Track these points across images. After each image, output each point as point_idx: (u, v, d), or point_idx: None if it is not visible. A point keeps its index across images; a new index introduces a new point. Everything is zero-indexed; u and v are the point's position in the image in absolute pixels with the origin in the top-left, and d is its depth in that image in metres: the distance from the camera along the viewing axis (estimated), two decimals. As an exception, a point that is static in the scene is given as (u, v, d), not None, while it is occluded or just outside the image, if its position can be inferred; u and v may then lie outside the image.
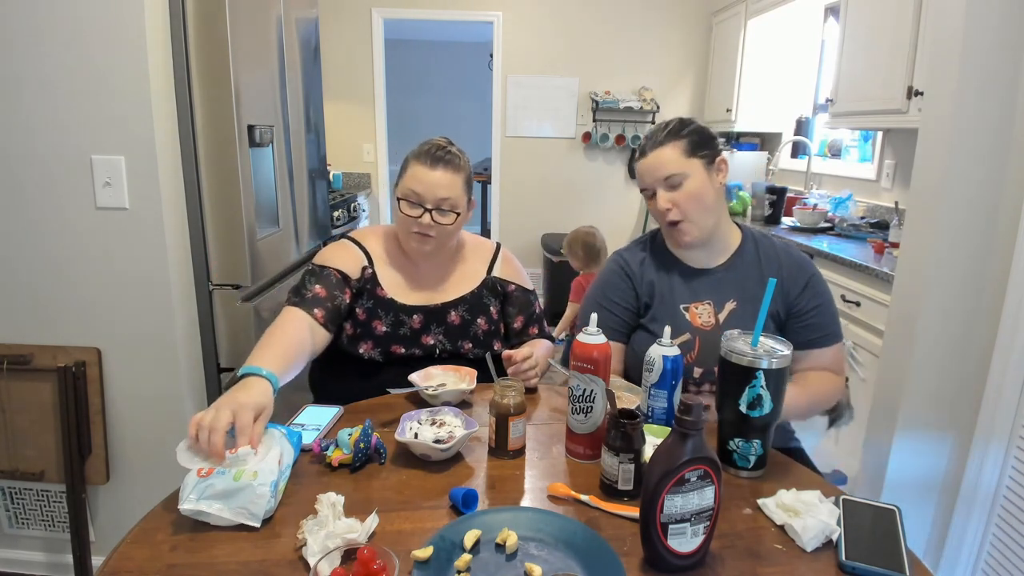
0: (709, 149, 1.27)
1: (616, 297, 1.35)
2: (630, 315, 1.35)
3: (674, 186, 1.25)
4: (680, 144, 1.25)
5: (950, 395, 1.62)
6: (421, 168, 1.34)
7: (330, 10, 4.43)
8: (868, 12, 2.72)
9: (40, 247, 1.61)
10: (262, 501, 0.82)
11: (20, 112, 1.53)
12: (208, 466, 0.86)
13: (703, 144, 1.27)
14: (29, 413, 1.69)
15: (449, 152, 1.37)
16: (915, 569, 0.78)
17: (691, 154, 1.25)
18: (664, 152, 1.25)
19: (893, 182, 3.04)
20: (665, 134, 1.27)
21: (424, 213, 1.34)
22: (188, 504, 0.81)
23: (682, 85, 4.77)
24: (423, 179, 1.34)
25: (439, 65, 7.39)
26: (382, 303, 1.39)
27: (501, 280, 1.51)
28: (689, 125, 1.28)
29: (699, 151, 1.26)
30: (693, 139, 1.26)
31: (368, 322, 1.38)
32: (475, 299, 1.46)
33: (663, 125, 1.30)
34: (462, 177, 1.38)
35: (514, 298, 1.52)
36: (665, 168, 1.25)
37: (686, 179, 1.25)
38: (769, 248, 1.33)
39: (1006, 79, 1.46)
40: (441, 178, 1.34)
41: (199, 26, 1.61)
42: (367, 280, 1.40)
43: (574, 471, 1.01)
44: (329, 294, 1.33)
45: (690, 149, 1.26)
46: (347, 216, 4.02)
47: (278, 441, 0.94)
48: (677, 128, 1.27)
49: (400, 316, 1.39)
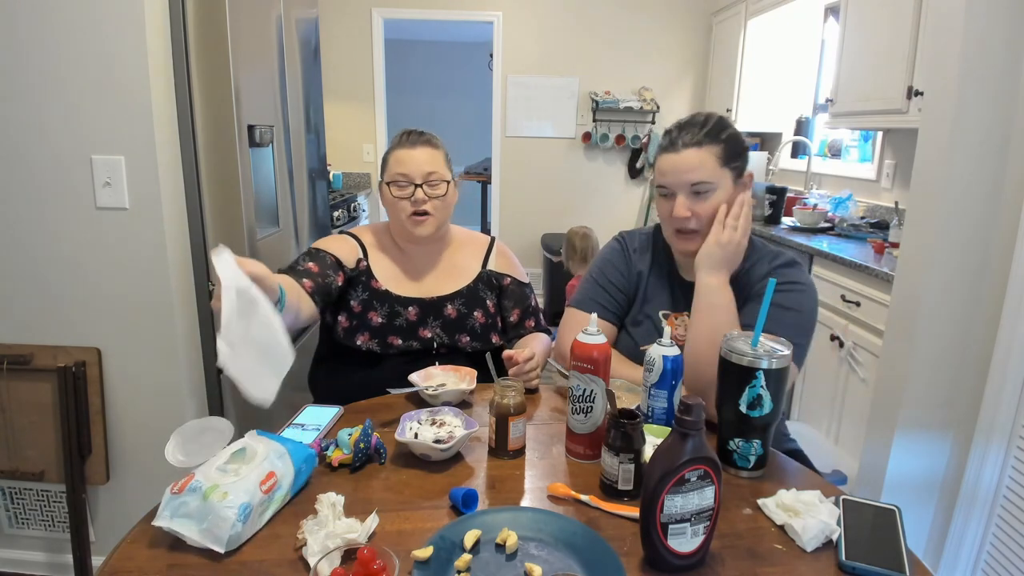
0: (741, 160, 1.17)
1: (613, 277, 1.32)
2: (624, 298, 1.32)
3: (699, 194, 1.15)
4: (716, 149, 1.14)
5: (950, 395, 1.62)
6: (402, 151, 1.39)
7: (330, 10, 4.43)
8: (868, 12, 2.72)
9: (40, 247, 1.61)
10: (226, 525, 0.77)
11: (20, 112, 1.53)
12: (187, 472, 0.83)
13: (738, 154, 1.16)
14: (29, 413, 1.69)
15: (425, 133, 1.43)
16: (915, 569, 0.78)
17: (725, 163, 1.14)
18: (698, 154, 1.14)
19: (893, 182, 3.04)
20: (703, 133, 1.14)
21: (415, 189, 1.37)
22: (162, 522, 0.79)
23: (682, 85, 4.77)
24: (406, 159, 1.38)
25: (439, 65, 7.38)
26: (377, 294, 1.41)
27: (496, 273, 1.53)
28: (728, 129, 1.16)
29: (733, 161, 1.15)
30: (731, 146, 1.15)
31: (364, 313, 1.40)
32: (471, 293, 1.47)
33: (701, 121, 1.16)
34: (442, 153, 1.44)
35: (510, 291, 1.53)
36: (695, 173, 1.14)
37: (714, 190, 1.14)
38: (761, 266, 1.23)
39: (1006, 79, 1.46)
40: (422, 154, 1.39)
41: (199, 26, 1.61)
42: (362, 272, 1.42)
43: (574, 471, 1.01)
44: (321, 271, 1.35)
45: (725, 157, 1.14)
46: (347, 216, 4.02)
47: (271, 461, 0.86)
48: (716, 130, 1.15)
49: (395, 307, 1.41)
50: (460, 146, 7.21)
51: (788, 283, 1.16)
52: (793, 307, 1.15)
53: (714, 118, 1.17)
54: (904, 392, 1.62)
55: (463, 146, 7.01)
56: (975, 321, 1.57)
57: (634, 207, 4.99)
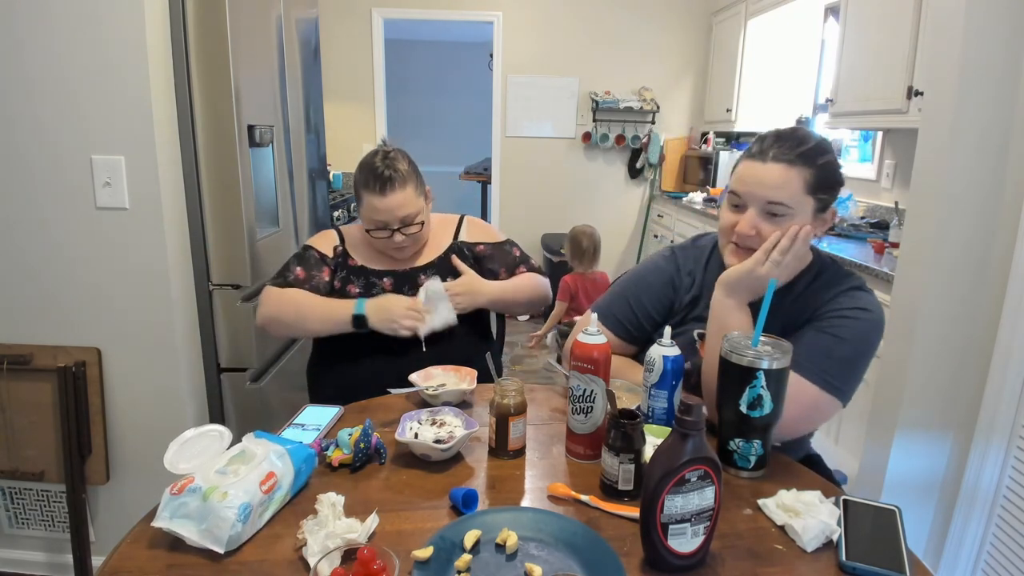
0: (830, 193, 1.07)
1: (646, 299, 1.22)
2: (652, 323, 1.23)
3: (773, 215, 1.05)
4: (807, 173, 1.03)
5: (950, 395, 1.62)
6: (373, 197, 1.41)
7: (330, 10, 4.43)
8: (868, 12, 2.72)
9: (40, 247, 1.61)
10: (225, 525, 0.77)
11: (20, 112, 1.53)
12: (184, 478, 0.82)
13: (829, 185, 1.06)
14: (29, 413, 1.69)
15: (391, 168, 1.41)
16: (915, 569, 0.78)
17: (812, 191, 1.04)
18: (786, 173, 1.03)
19: (893, 182, 3.04)
20: (798, 152, 1.04)
21: (394, 233, 1.44)
22: (161, 523, 0.79)
23: (682, 85, 4.77)
24: (379, 207, 1.41)
25: (439, 65, 7.38)
26: (354, 271, 1.50)
27: (468, 244, 1.59)
28: (827, 155, 1.06)
29: (820, 191, 1.05)
30: (823, 174, 1.05)
31: (343, 288, 1.48)
32: (442, 263, 1.53)
33: (800, 137, 1.05)
34: (411, 186, 1.44)
35: (487, 256, 1.59)
36: (776, 191, 1.03)
37: (791, 216, 1.04)
38: (822, 288, 1.11)
39: (1006, 79, 1.46)
40: (394, 200, 1.40)
41: (199, 26, 1.61)
42: (339, 256, 1.52)
43: (574, 471, 1.01)
44: (308, 275, 1.47)
45: (814, 184, 1.04)
46: (347, 216, 4.02)
47: (270, 461, 0.86)
48: (814, 152, 1.04)
49: (371, 279, 1.49)
50: (460, 146, 7.26)
51: (853, 309, 1.07)
52: (851, 337, 1.05)
53: (815, 139, 1.07)
54: (904, 392, 1.62)
55: (463, 146, 7.02)
56: (975, 321, 1.57)
57: (634, 207, 4.99)
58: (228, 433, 0.92)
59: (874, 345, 1.08)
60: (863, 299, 1.09)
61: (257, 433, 0.93)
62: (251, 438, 0.91)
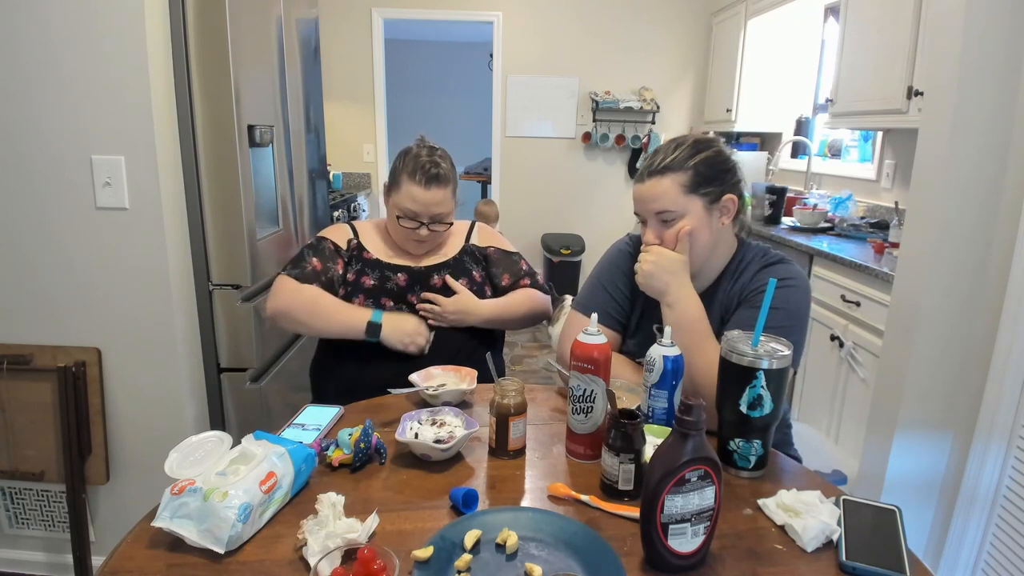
0: (715, 185, 1.15)
1: (619, 280, 1.30)
2: (629, 304, 1.30)
3: (665, 221, 1.16)
4: (681, 177, 1.13)
5: (950, 395, 1.62)
6: (415, 188, 1.43)
7: (330, 10, 4.43)
8: (868, 12, 2.72)
9: (40, 247, 1.61)
10: (225, 525, 0.77)
11: (20, 112, 1.53)
12: (184, 481, 0.82)
13: (710, 179, 1.15)
14: (29, 413, 1.69)
15: (439, 167, 1.45)
16: (915, 569, 0.78)
17: (692, 191, 1.14)
18: (661, 184, 1.14)
19: (893, 182, 3.04)
20: (666, 163, 1.15)
21: (421, 227, 1.46)
22: (162, 522, 0.79)
23: (682, 85, 4.77)
24: (418, 198, 1.43)
25: (439, 65, 7.38)
26: (368, 263, 1.51)
27: (479, 247, 1.61)
28: (701, 152, 1.15)
29: (703, 187, 1.14)
30: (699, 172, 1.14)
31: (357, 280, 1.49)
32: (456, 263, 1.54)
33: (671, 147, 1.17)
34: (451, 188, 1.49)
35: (495, 260, 1.61)
36: (658, 202, 1.15)
37: (680, 217, 1.15)
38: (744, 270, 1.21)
39: (1006, 79, 1.46)
40: (435, 196, 1.44)
41: (199, 26, 1.61)
42: (354, 249, 1.53)
43: (574, 471, 1.01)
44: (324, 266, 1.48)
45: (692, 185, 1.14)
46: (347, 216, 4.02)
47: (270, 461, 0.86)
48: (684, 157, 1.14)
49: (385, 272, 1.50)
50: (460, 146, 7.22)
51: (780, 280, 1.12)
52: (781, 305, 1.12)
53: (688, 144, 1.16)
54: (904, 392, 1.62)
55: (463, 146, 7.01)
56: (975, 321, 1.57)
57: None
58: (228, 438, 0.92)
59: (804, 311, 1.17)
60: (783, 270, 1.17)
61: (257, 433, 0.93)
62: (250, 439, 0.91)
